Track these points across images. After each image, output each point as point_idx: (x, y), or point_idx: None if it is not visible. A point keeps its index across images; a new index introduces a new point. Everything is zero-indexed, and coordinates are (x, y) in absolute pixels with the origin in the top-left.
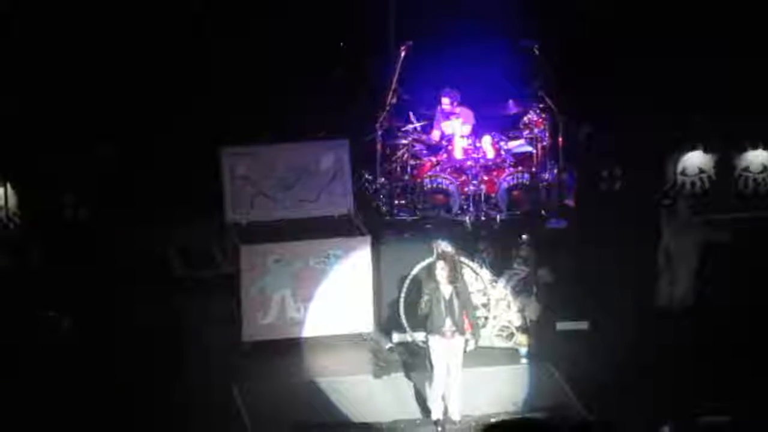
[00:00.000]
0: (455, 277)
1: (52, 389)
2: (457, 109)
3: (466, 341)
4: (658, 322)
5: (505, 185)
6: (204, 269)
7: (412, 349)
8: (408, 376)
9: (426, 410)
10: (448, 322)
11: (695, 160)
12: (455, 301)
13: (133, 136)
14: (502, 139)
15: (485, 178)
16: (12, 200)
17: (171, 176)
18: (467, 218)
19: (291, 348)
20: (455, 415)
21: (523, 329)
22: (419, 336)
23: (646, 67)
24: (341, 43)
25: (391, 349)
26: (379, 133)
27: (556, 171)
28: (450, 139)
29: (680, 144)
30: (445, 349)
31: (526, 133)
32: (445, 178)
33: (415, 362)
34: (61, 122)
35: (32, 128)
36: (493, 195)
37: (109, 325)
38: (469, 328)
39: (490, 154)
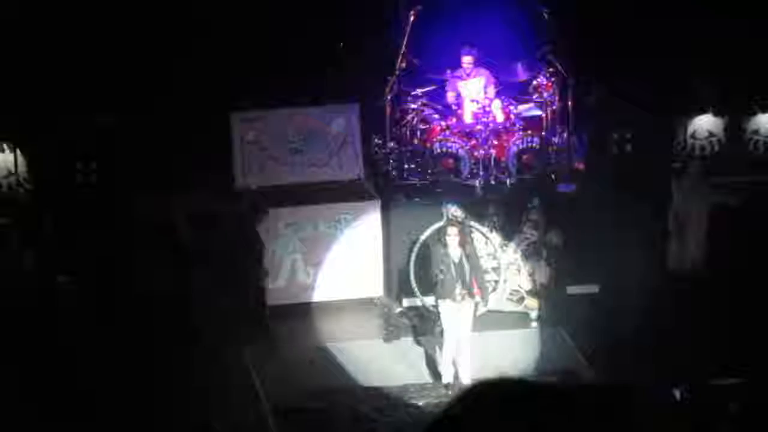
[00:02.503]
0: (465, 241)
1: (62, 354)
2: (474, 71)
3: (476, 305)
4: (667, 285)
5: (514, 149)
6: (214, 234)
7: (422, 313)
8: (418, 341)
9: (436, 374)
10: (459, 286)
11: (705, 123)
12: (465, 265)
13: (142, 100)
14: (511, 103)
15: (495, 142)
16: (22, 166)
17: (181, 141)
18: (477, 182)
19: (301, 312)
20: (465, 379)
21: (533, 293)
22: (429, 300)
23: (657, 29)
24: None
25: (401, 314)
26: (389, 97)
27: (565, 135)
28: (460, 104)
29: (690, 107)
30: (455, 313)
31: (535, 96)
32: (454, 143)
33: (425, 326)
34: (71, 87)
35: (41, 93)
36: (502, 159)
37: (119, 291)
38: (478, 292)
39: (500, 118)
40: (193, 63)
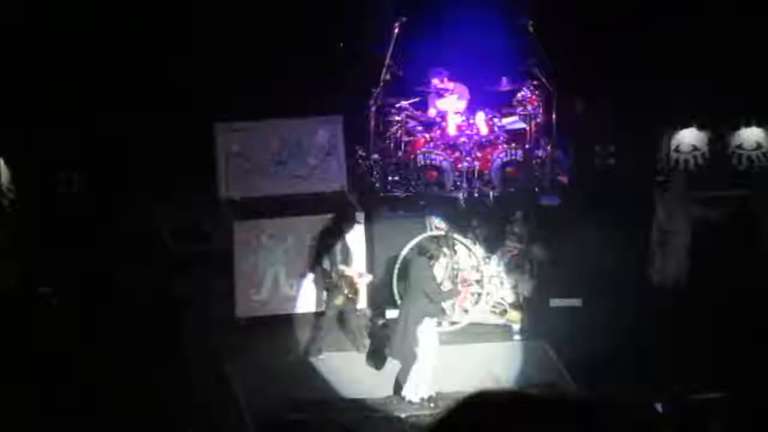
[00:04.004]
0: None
1: (44, 366)
2: (451, 85)
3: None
4: (650, 298)
5: (498, 162)
6: (197, 245)
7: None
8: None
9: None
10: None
11: (689, 137)
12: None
13: (127, 111)
14: (495, 116)
15: (479, 154)
16: (5, 176)
17: (165, 152)
18: (460, 195)
19: (284, 324)
20: (430, 392)
21: (516, 306)
22: None
23: (641, 44)
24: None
25: (383, 326)
26: (373, 109)
27: (549, 148)
28: (444, 116)
29: (674, 121)
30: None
31: (519, 109)
32: (438, 155)
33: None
34: (53, 98)
35: (23, 104)
36: (486, 171)
37: (102, 301)
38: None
39: (484, 130)
40: (177, 74)
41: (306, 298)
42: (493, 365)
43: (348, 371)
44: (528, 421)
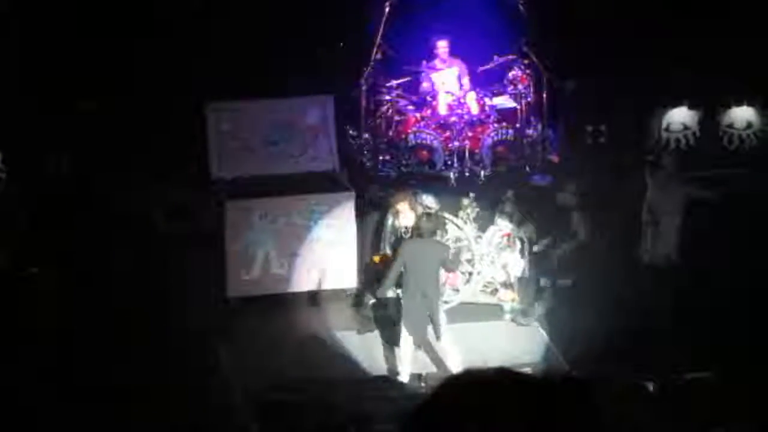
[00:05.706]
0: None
1: (34, 346)
2: (448, 62)
3: None
4: (641, 278)
5: (489, 141)
6: (188, 225)
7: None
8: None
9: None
10: None
11: (679, 116)
12: None
13: (116, 91)
14: (486, 95)
15: (469, 134)
16: None
17: (155, 131)
18: (451, 174)
19: (275, 304)
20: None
21: (507, 285)
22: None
23: (631, 23)
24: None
25: (374, 306)
26: (364, 88)
27: (540, 127)
28: (434, 95)
29: (664, 100)
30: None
31: (510, 89)
32: (429, 134)
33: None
34: (44, 78)
35: (12, 85)
36: (477, 151)
37: (92, 281)
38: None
39: (475, 109)
40: (168, 53)
41: (297, 278)
42: (483, 344)
43: (339, 351)
44: (516, 400)
